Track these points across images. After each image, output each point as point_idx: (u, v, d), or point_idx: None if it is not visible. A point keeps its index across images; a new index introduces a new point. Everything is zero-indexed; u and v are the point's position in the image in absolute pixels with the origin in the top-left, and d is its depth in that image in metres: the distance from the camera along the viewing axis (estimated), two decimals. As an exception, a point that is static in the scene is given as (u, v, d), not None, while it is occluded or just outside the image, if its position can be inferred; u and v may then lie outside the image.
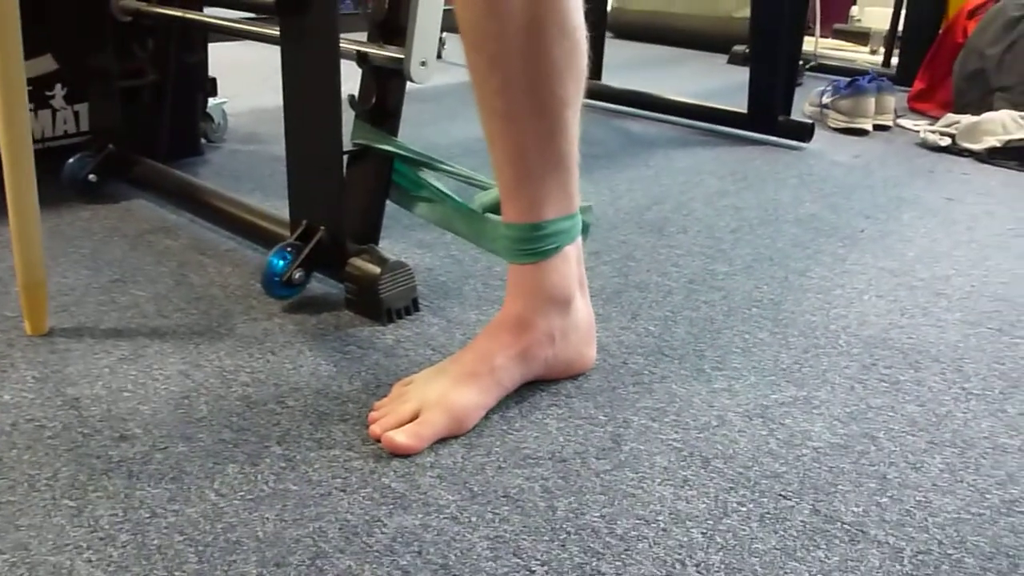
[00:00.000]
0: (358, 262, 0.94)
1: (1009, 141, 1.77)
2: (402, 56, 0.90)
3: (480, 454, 0.72)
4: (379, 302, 0.93)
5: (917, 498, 0.69)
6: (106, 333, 0.88)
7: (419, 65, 0.90)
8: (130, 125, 1.23)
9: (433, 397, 0.74)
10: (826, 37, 3.11)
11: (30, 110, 0.90)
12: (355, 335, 0.91)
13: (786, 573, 0.60)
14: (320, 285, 1.00)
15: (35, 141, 1.13)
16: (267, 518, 0.62)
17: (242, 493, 0.65)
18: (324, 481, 0.67)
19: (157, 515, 0.62)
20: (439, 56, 2.75)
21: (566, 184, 0.77)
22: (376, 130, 0.95)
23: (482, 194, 0.89)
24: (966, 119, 1.86)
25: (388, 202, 1.00)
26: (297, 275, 0.94)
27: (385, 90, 0.95)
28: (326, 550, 0.60)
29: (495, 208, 0.85)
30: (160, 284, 1.00)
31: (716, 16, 3.21)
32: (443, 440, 0.73)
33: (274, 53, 0.94)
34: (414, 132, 1.78)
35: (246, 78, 2.23)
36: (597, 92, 2.07)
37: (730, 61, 3.00)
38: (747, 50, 2.94)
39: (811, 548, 0.63)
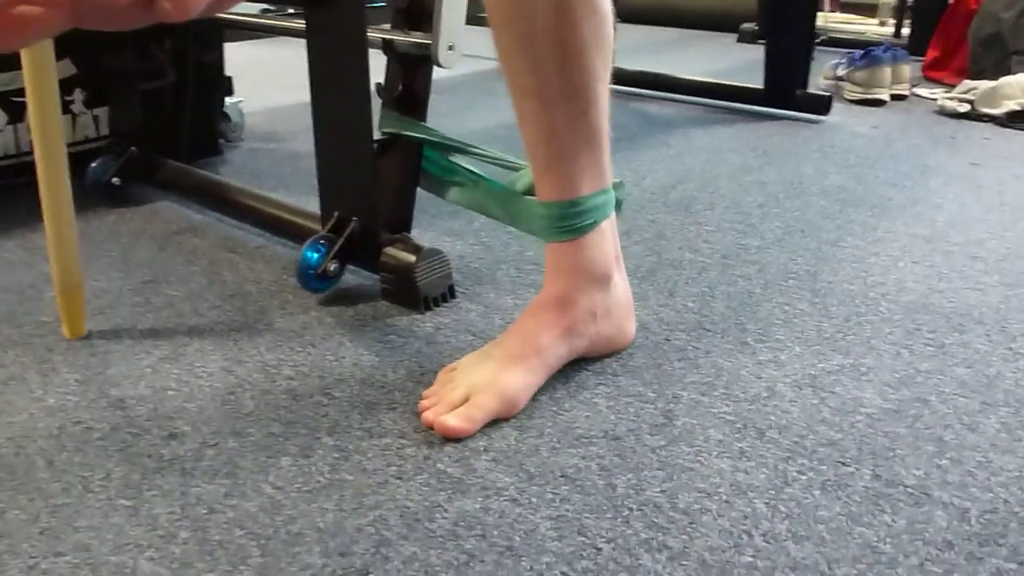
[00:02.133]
0: (393, 251, 0.93)
1: (1030, 104, 1.75)
2: (429, 41, 0.89)
3: (533, 436, 0.71)
4: (416, 290, 0.92)
5: (977, 459, 0.68)
6: (144, 334, 0.88)
7: (447, 50, 0.89)
8: (152, 127, 1.22)
9: (482, 381, 0.73)
10: (834, 11, 3.09)
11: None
12: (394, 324, 0.90)
13: (854, 538, 0.59)
14: (353, 277, 1.00)
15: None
16: (326, 508, 0.62)
17: (298, 485, 0.65)
18: (379, 470, 0.66)
19: (215, 511, 0.62)
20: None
21: (599, 159, 0.77)
22: (404, 118, 0.95)
23: (515, 176, 0.88)
24: (984, 84, 1.84)
25: (417, 191, 1.00)
26: (332, 267, 0.93)
27: (412, 77, 0.94)
28: (389, 538, 0.59)
29: (531, 189, 0.84)
30: (193, 283, 1.00)
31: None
32: (494, 423, 0.72)
33: (288, 50, 0.95)
34: (431, 123, 1.78)
35: (260, 77, 2.23)
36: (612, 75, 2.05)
37: (740, 39, 2.98)
38: (756, 27, 2.93)
39: (876, 513, 0.62)
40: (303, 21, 0.92)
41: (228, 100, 1.51)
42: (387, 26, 0.96)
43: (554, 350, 0.77)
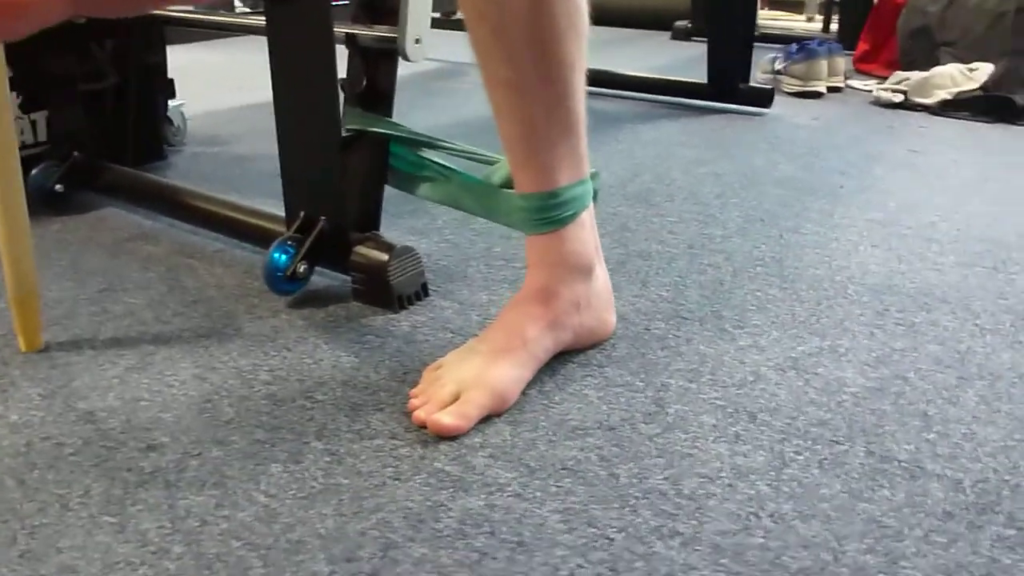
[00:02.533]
0: (364, 250, 0.91)
1: (959, 93, 1.82)
2: (394, 35, 0.87)
3: (527, 429, 0.70)
4: (389, 289, 0.90)
5: (962, 431, 0.70)
6: (106, 344, 0.83)
7: (413, 43, 0.87)
8: (94, 131, 1.17)
9: (471, 376, 0.72)
10: (763, 8, 3.16)
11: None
12: (369, 325, 0.88)
13: (857, 514, 0.60)
14: (320, 278, 0.97)
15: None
16: (325, 514, 0.60)
17: (292, 492, 0.62)
18: (375, 472, 0.64)
19: (208, 523, 0.59)
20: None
21: (576, 148, 0.76)
22: (369, 114, 0.92)
23: (491, 169, 0.87)
24: (916, 75, 1.90)
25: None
26: (301, 269, 0.90)
27: (376, 72, 0.92)
28: (395, 540, 0.57)
29: (507, 182, 0.83)
30: (152, 290, 0.95)
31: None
32: (487, 418, 0.71)
33: (227, 53, 0.92)
34: None
35: (199, 80, 2.15)
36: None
37: (673, 37, 3.02)
38: (689, 25, 2.99)
39: (875, 488, 0.63)
40: (254, 18, 0.89)
41: (170, 103, 1.45)
42: (347, 21, 0.94)
43: (540, 343, 0.76)
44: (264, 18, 0.90)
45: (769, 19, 3.19)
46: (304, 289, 0.94)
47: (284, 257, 0.90)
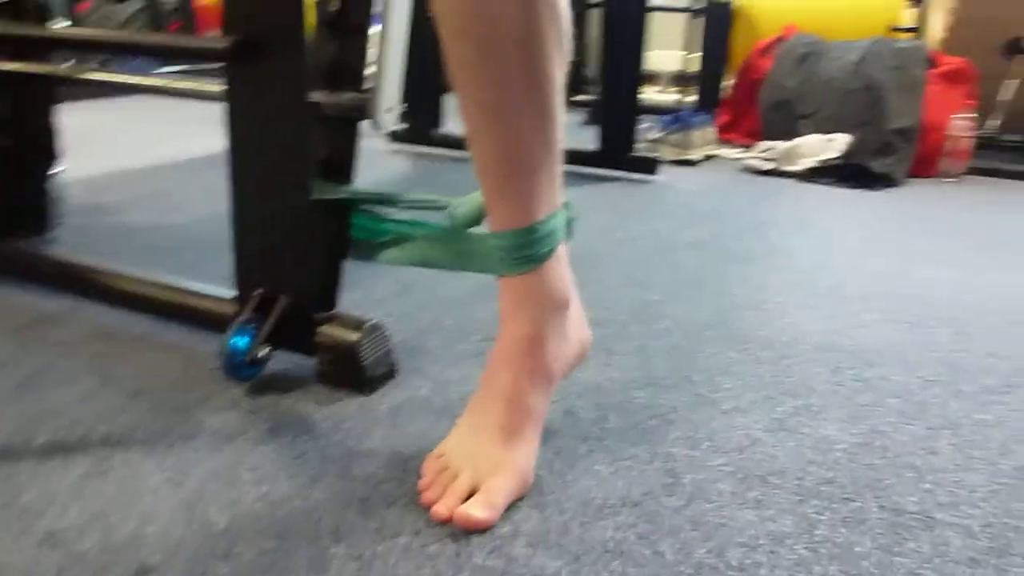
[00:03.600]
0: (330, 330, 0.85)
1: (824, 161, 1.99)
2: (362, 102, 0.84)
3: (555, 512, 0.67)
4: (361, 371, 0.85)
5: (951, 479, 0.74)
6: (46, 449, 0.73)
7: (385, 112, 0.85)
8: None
9: (488, 463, 0.68)
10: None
11: None
12: (344, 411, 0.82)
13: (897, 569, 0.62)
14: (272, 362, 0.90)
15: None
16: (373, 627, 0.54)
17: (326, 605, 0.56)
18: (411, 574, 0.59)
19: (240, 652, 0.52)
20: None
21: (554, 176, 0.72)
22: (329, 184, 0.88)
23: (452, 208, 0.82)
24: (781, 144, 2.07)
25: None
26: (262, 353, 0.83)
27: (339, 140, 0.87)
28: (462, 648, 0.52)
29: (471, 220, 0.79)
30: (81, 384, 0.84)
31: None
32: (510, 504, 0.67)
33: (114, 112, 0.84)
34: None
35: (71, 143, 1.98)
36: (442, 141, 2.06)
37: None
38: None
39: (901, 542, 0.65)
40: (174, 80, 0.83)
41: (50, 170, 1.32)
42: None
43: (540, 402, 0.72)
44: (190, 82, 0.84)
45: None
46: (258, 374, 0.87)
47: (244, 340, 0.83)
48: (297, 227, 0.84)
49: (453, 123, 2.11)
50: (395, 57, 0.84)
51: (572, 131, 2.74)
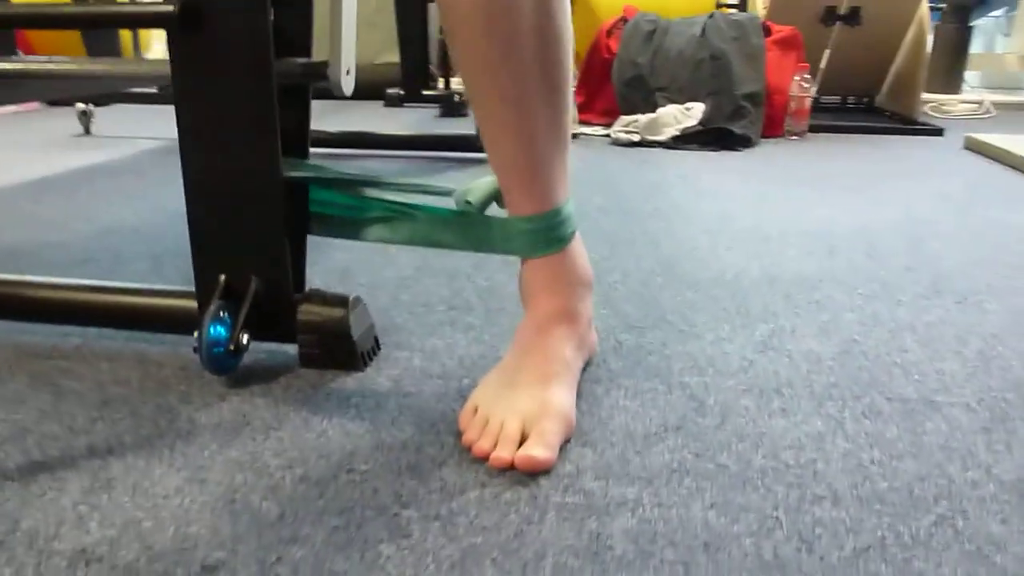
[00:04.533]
0: (313, 308, 0.80)
1: (685, 129, 2.10)
2: (320, 67, 0.79)
3: (605, 447, 0.66)
4: (352, 347, 0.80)
5: (932, 369, 0.81)
6: (24, 471, 0.63)
7: (345, 74, 0.80)
8: None
9: (533, 407, 0.67)
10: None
11: None
12: (344, 388, 0.77)
13: (929, 445, 0.67)
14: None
15: None
16: (508, 570, 0.51)
17: (430, 566, 0.52)
18: (502, 523, 0.57)
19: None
20: (88, 131, 2.39)
21: (566, 163, 0.76)
22: (288, 158, 0.82)
23: (463, 191, 0.81)
24: (643, 118, 2.16)
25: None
26: (244, 338, 0.77)
27: (291, 109, 0.82)
28: (609, 564, 0.51)
29: (487, 205, 0.79)
30: (32, 402, 0.74)
31: (359, 65, 3.26)
32: (562, 446, 0.66)
33: None
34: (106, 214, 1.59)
35: None
36: (317, 139, 1.98)
37: (386, 104, 3.08)
38: (401, 92, 3.07)
39: (921, 423, 0.70)
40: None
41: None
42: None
43: (577, 363, 0.74)
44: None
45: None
46: (238, 365, 0.80)
47: (223, 329, 0.76)
48: (263, 206, 0.78)
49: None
50: (349, 17, 0.80)
51: (434, 123, 2.74)
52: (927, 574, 0.51)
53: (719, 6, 2.69)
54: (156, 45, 3.44)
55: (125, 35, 3.59)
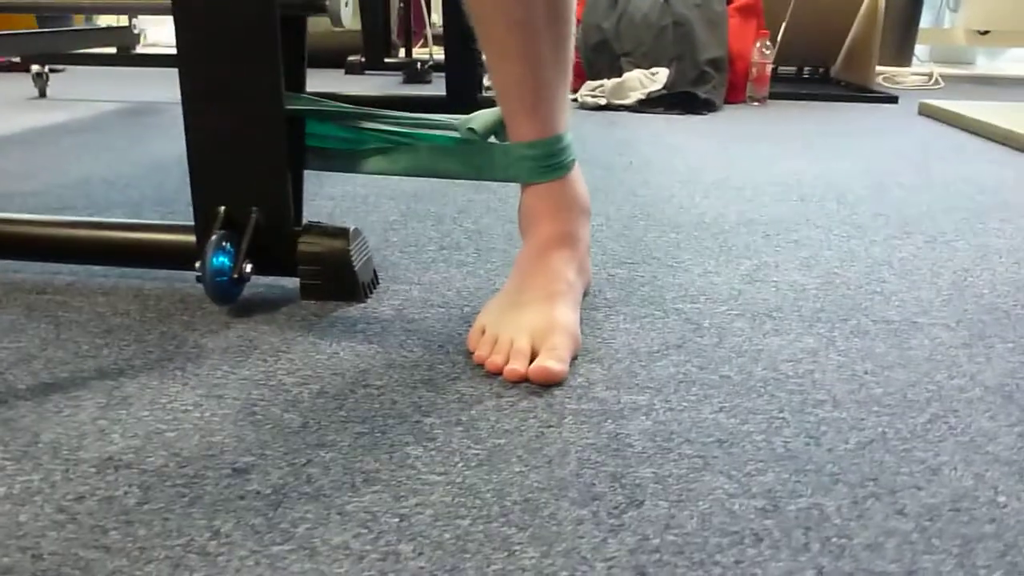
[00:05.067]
0: (314, 240, 0.80)
1: (650, 93, 2.13)
2: (320, -3, 0.79)
3: (612, 362, 0.69)
4: (354, 278, 0.80)
5: (911, 296, 0.85)
6: (37, 391, 0.62)
7: (344, 5, 0.80)
8: None
9: (541, 324, 0.68)
10: (424, 45, 3.34)
11: None
12: (348, 315, 0.78)
13: (914, 359, 0.70)
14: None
15: None
16: (522, 471, 0.53)
17: (458, 464, 0.54)
18: (522, 427, 0.58)
19: (422, 510, 0.49)
20: (43, 94, 2.32)
21: (568, 94, 0.78)
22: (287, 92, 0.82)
23: (466, 120, 0.82)
24: (609, 82, 2.18)
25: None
26: (247, 267, 0.77)
27: (288, 43, 0.81)
28: (620, 471, 0.53)
29: (490, 134, 0.80)
30: (31, 332, 0.73)
31: (317, 33, 3.22)
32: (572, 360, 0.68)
33: None
34: (65, 170, 1.58)
35: None
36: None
37: (347, 72, 3.05)
38: (362, 59, 3.04)
39: (906, 340, 0.74)
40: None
41: None
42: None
43: (579, 285, 0.76)
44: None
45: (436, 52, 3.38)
46: (241, 295, 0.80)
47: (226, 259, 0.76)
48: (264, 137, 0.77)
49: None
50: (348, -53, 0.80)
51: (400, 87, 2.72)
52: (928, 461, 0.55)
53: (680, -25, 2.72)
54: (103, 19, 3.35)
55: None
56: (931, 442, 0.57)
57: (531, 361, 0.66)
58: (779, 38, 2.58)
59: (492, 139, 0.81)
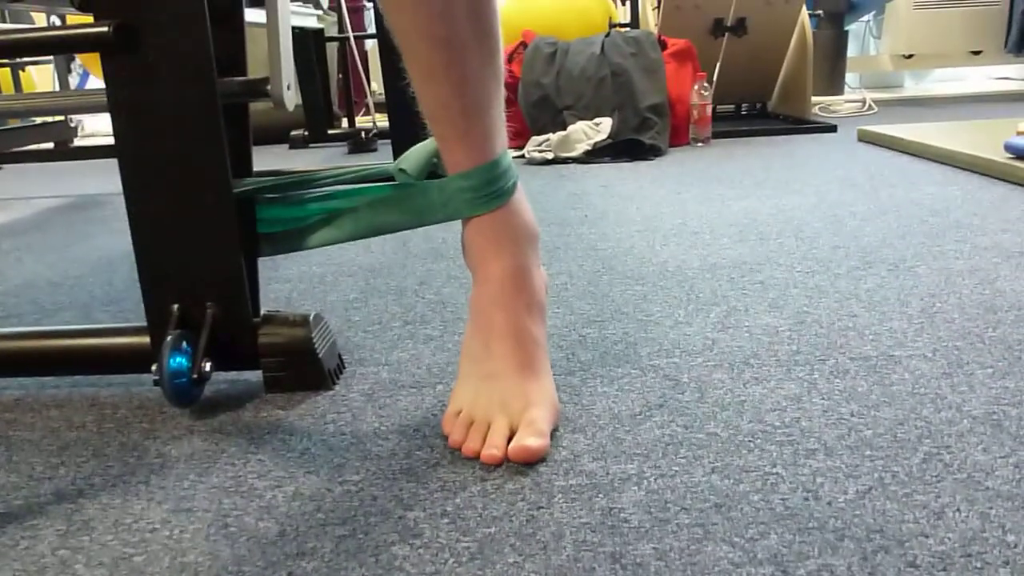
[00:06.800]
0: (275, 330, 0.77)
1: (596, 143, 2.15)
2: (258, 81, 0.78)
3: (595, 430, 0.67)
4: (319, 366, 0.78)
5: (884, 329, 0.85)
6: (-14, 527, 0.58)
7: (286, 89, 0.79)
8: None
9: (517, 401, 0.66)
10: (367, 114, 3.35)
11: None
12: (317, 407, 0.75)
13: (898, 395, 0.70)
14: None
15: None
16: (516, 561, 0.50)
17: (448, 560, 0.51)
18: (511, 512, 0.56)
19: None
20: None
21: (503, 111, 0.73)
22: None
23: (399, 161, 0.77)
24: (554, 136, 2.20)
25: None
26: (207, 367, 0.74)
27: (231, 129, 0.80)
28: (620, 551, 0.51)
29: (424, 172, 0.76)
30: (-22, 459, 0.68)
31: (257, 110, 3.21)
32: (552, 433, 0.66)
33: None
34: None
35: None
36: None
37: (291, 147, 3.03)
38: (305, 133, 3.03)
39: (887, 376, 0.73)
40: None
41: None
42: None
43: (543, 337, 0.72)
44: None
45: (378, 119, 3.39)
46: (201, 396, 0.76)
47: (183, 359, 0.72)
48: (212, 229, 0.75)
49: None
50: (286, 34, 0.79)
51: (345, 159, 2.71)
52: (930, 505, 0.54)
53: (612, 26, 2.78)
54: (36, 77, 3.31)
55: (3, 73, 3.43)
56: (929, 483, 0.56)
57: (511, 438, 0.64)
58: (714, 78, 2.64)
59: (432, 175, 0.77)
